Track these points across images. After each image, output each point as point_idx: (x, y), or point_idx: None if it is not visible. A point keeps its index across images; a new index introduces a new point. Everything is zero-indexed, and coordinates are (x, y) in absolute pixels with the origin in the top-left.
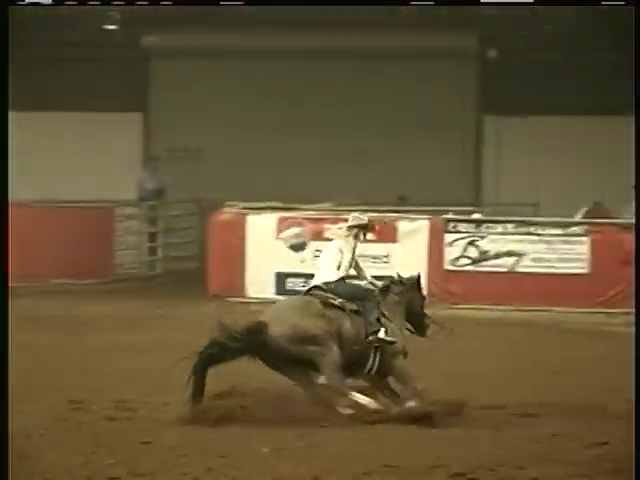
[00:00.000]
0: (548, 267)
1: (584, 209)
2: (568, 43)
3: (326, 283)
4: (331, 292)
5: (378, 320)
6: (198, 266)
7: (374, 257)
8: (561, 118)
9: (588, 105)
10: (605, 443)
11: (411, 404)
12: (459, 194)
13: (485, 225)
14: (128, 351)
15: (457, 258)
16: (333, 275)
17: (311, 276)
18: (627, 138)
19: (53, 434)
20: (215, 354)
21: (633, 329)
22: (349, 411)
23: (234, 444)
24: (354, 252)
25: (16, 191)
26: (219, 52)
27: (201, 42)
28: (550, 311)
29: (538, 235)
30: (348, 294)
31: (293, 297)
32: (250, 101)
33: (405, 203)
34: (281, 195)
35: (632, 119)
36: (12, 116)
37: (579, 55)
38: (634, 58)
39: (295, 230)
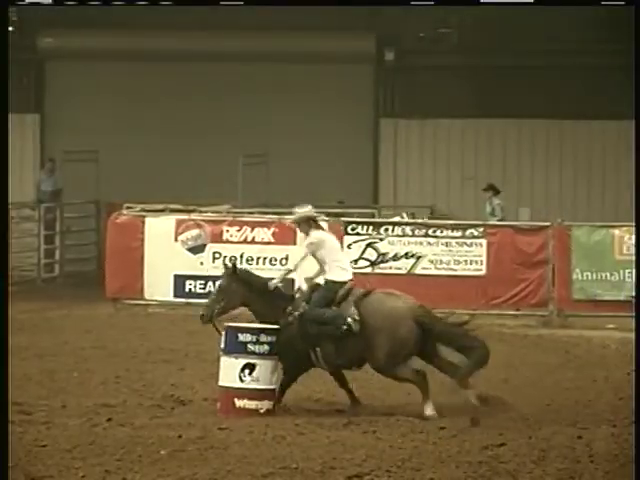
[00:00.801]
0: (446, 269)
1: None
2: (471, 45)
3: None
4: None
5: None
6: (96, 268)
7: (273, 259)
8: (459, 121)
9: (485, 107)
10: (502, 444)
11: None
12: (357, 197)
13: (384, 227)
14: (24, 354)
15: (356, 260)
16: None
17: (210, 278)
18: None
19: None
20: None
21: (633, 331)
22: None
23: (131, 446)
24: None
25: None
26: (114, 54)
27: (96, 44)
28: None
29: (436, 237)
30: None
31: None
32: (148, 103)
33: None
34: (179, 197)
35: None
36: None
37: (481, 58)
38: (634, 58)
39: (194, 232)
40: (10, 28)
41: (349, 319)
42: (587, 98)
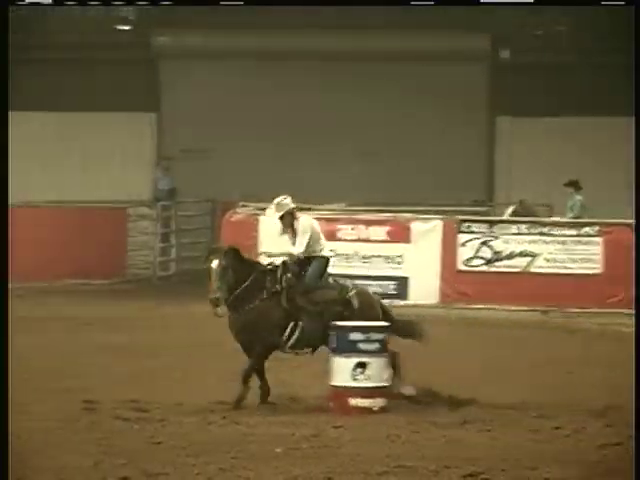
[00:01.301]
0: (561, 268)
1: (511, 208)
2: (582, 44)
3: None
4: None
5: None
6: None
7: (388, 257)
8: (574, 119)
9: (599, 106)
10: (618, 444)
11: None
12: (472, 195)
13: (499, 225)
14: (140, 351)
15: (470, 258)
16: None
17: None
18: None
19: (65, 434)
20: None
21: (633, 329)
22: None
23: (245, 444)
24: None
25: (33, 192)
26: (229, 53)
27: (210, 43)
28: (562, 311)
29: (551, 235)
30: None
31: None
32: (263, 102)
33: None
34: (293, 195)
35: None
36: (28, 116)
37: (593, 56)
38: (634, 58)
39: None
40: (126, 27)
41: (351, 292)
42: None
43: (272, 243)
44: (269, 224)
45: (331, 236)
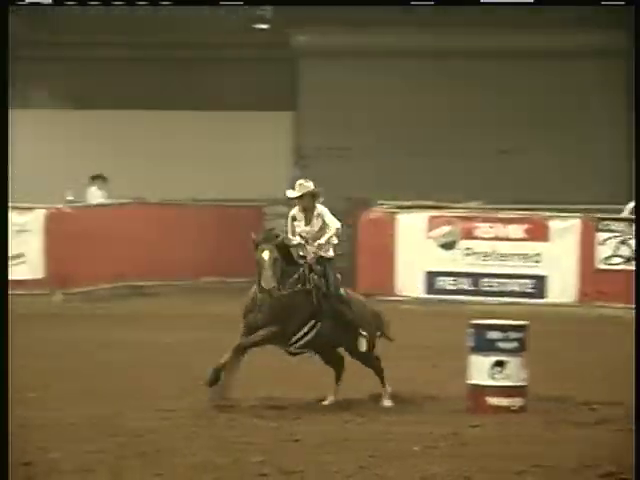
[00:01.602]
0: None
1: (631, 205)
2: None
3: None
4: None
5: None
6: (348, 265)
7: (526, 256)
8: None
9: None
10: None
11: None
12: (610, 193)
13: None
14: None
15: (609, 257)
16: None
17: (461, 274)
18: None
19: (203, 431)
20: None
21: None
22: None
23: (383, 442)
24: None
25: (172, 191)
26: (367, 51)
27: (349, 41)
28: None
29: None
30: None
31: None
32: (398, 100)
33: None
34: (430, 194)
35: None
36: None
37: None
38: (634, 58)
39: (445, 229)
40: (264, 26)
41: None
42: None
43: (409, 241)
44: (406, 222)
45: (468, 234)
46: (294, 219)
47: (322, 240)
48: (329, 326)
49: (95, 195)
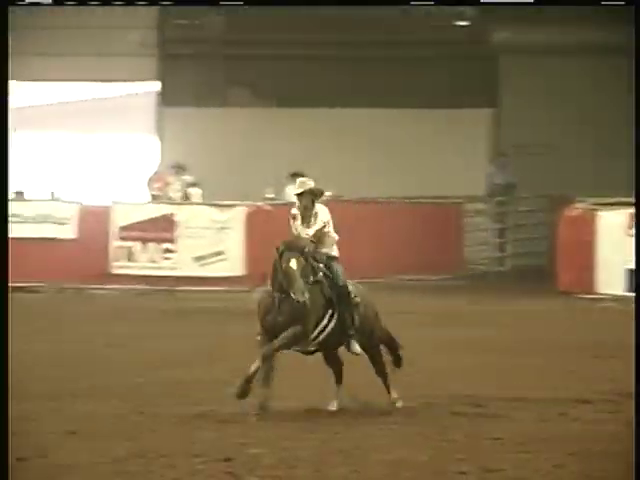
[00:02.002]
0: None
1: None
2: None
3: None
4: None
5: None
6: (547, 263)
7: None
8: None
9: None
10: None
11: None
12: None
13: None
14: (483, 346)
15: None
16: None
17: None
18: None
19: (402, 429)
20: None
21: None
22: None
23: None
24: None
25: (367, 188)
26: (568, 49)
27: (549, 39)
28: None
29: None
30: None
31: None
32: (601, 98)
33: None
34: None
35: None
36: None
37: None
38: (634, 58)
39: None
40: (465, 23)
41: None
42: None
43: (610, 239)
44: (607, 219)
45: None
46: (294, 218)
47: (310, 231)
48: (344, 321)
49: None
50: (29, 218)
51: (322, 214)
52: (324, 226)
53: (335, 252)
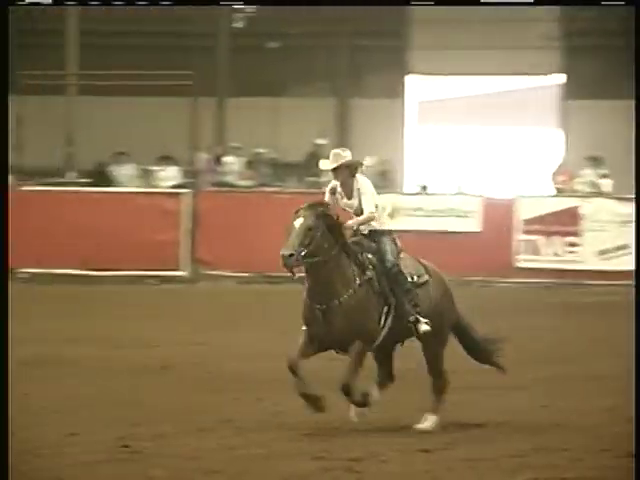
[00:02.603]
0: None
1: None
2: None
3: None
4: None
5: None
6: None
7: None
8: None
9: None
10: None
11: None
12: None
13: None
14: None
15: None
16: None
17: None
18: None
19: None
20: None
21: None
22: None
23: None
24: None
25: None
26: None
27: None
28: None
29: None
30: None
31: None
32: None
33: None
34: None
35: None
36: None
37: None
38: (634, 58)
39: None
40: None
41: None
42: None
43: None
44: None
45: None
46: (333, 192)
47: (351, 222)
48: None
49: None
50: (433, 211)
51: (365, 200)
52: (366, 219)
53: (386, 225)
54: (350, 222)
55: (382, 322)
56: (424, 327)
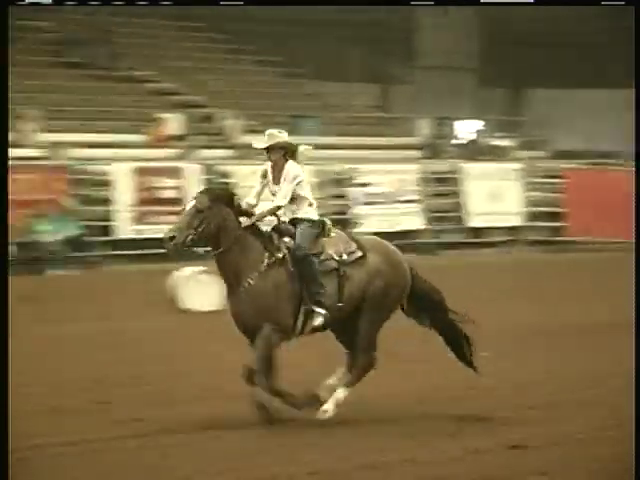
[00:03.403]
0: None
1: None
2: None
3: None
4: None
5: None
6: None
7: None
8: None
9: None
10: None
11: None
12: None
13: None
14: None
15: None
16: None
17: None
18: None
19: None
20: None
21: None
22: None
23: None
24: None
25: None
26: None
27: None
28: None
29: None
30: None
31: None
32: None
33: None
34: None
35: None
36: None
37: None
38: (634, 58)
39: None
40: None
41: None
42: None
43: None
44: None
45: None
46: (264, 176)
47: (256, 213)
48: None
49: None
50: None
51: (284, 188)
52: (271, 211)
53: (308, 215)
54: (257, 213)
55: (300, 305)
56: (317, 320)
